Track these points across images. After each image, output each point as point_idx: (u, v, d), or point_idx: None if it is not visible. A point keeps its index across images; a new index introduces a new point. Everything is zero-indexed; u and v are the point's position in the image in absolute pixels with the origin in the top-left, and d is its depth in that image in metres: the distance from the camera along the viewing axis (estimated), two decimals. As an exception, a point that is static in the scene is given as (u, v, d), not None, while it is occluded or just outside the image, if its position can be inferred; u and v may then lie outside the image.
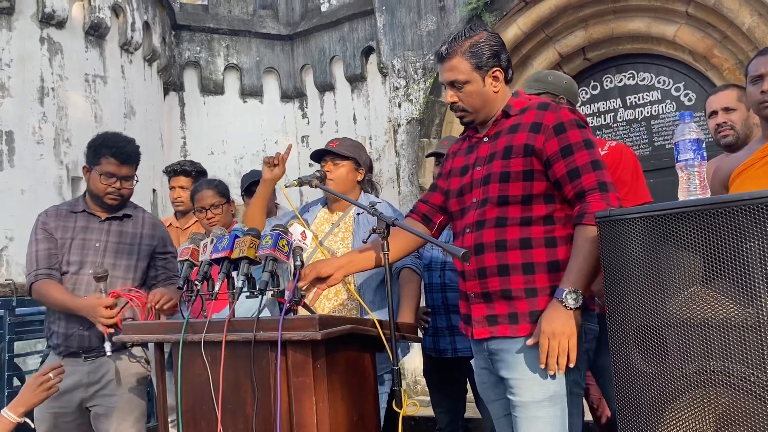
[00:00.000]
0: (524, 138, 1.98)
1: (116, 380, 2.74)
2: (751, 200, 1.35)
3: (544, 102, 2.06)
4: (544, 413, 1.88)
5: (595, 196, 1.89)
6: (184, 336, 2.03)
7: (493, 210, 1.98)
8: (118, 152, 2.75)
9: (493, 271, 1.96)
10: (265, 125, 9.72)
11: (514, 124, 2.04)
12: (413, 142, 7.30)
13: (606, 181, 1.92)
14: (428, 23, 7.32)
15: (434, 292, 3.08)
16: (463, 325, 2.13)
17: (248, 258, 1.99)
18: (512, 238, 1.95)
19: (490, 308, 1.98)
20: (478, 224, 2.00)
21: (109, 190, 2.78)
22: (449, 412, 3.20)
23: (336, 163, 2.74)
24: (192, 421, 2.09)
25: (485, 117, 2.10)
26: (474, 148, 2.14)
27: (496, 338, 1.96)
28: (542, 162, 1.96)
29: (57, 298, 2.69)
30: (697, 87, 6.49)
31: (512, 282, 1.93)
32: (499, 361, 1.97)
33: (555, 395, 1.88)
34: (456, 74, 2.04)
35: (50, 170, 6.99)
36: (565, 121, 1.97)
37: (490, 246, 1.97)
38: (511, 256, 1.94)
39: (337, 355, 1.96)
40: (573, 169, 1.92)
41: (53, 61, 7.19)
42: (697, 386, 1.43)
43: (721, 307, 1.39)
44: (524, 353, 1.91)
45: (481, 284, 1.98)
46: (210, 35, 9.58)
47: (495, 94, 2.06)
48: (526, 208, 1.96)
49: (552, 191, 1.97)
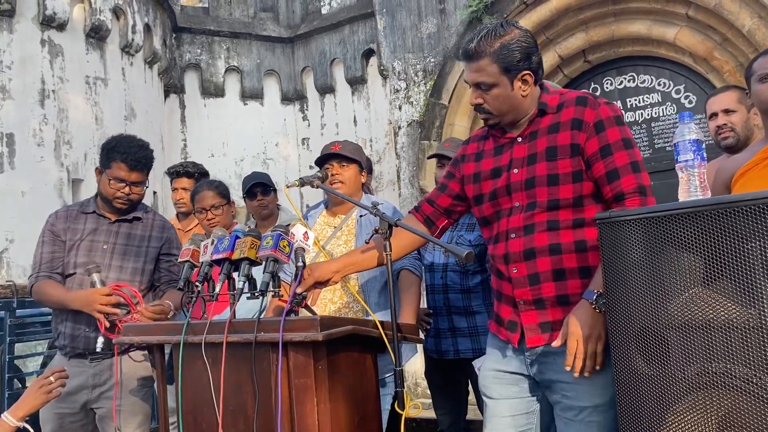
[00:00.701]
0: (569, 137, 1.90)
1: (121, 382, 2.74)
2: (752, 201, 1.34)
3: (582, 96, 1.95)
4: (602, 417, 1.84)
5: (635, 200, 1.84)
6: (184, 337, 2.03)
7: (542, 214, 1.90)
8: (129, 158, 2.75)
9: (547, 277, 1.89)
10: (265, 127, 9.73)
11: (553, 123, 1.95)
12: (414, 145, 7.30)
13: (645, 185, 1.87)
14: (429, 26, 7.32)
15: (436, 294, 3.08)
16: (503, 331, 2.01)
17: (249, 259, 1.99)
18: (566, 242, 1.88)
19: (543, 315, 1.90)
20: (527, 229, 1.91)
21: (118, 195, 2.79)
22: (451, 414, 3.20)
23: (343, 165, 2.75)
24: (193, 423, 2.08)
25: (512, 120, 2.00)
26: (504, 148, 2.04)
27: (548, 343, 1.90)
28: (584, 161, 1.89)
29: (53, 295, 2.71)
30: (697, 89, 6.49)
31: (569, 287, 1.87)
32: (549, 364, 1.91)
33: (611, 400, 1.80)
34: (483, 77, 1.92)
35: (51, 172, 6.99)
36: (605, 119, 1.89)
37: (543, 251, 1.89)
38: (566, 260, 1.88)
39: (338, 357, 1.95)
40: (612, 170, 1.86)
41: (54, 63, 7.20)
42: (699, 389, 1.42)
43: (723, 309, 1.38)
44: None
45: (533, 291, 1.91)
46: (211, 38, 9.59)
47: (523, 98, 1.95)
48: (577, 210, 1.89)
49: (599, 191, 1.91)
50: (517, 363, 2.00)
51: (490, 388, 2.07)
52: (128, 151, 2.75)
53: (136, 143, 2.82)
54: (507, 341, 2.00)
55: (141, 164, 2.79)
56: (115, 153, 2.76)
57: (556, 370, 1.89)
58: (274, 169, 9.42)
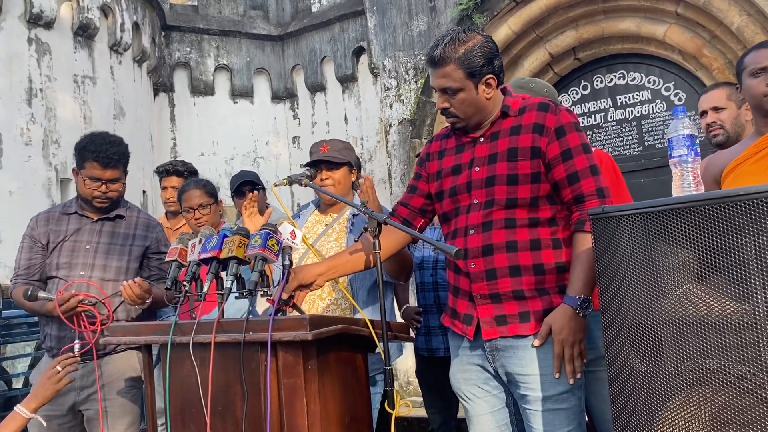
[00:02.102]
0: (530, 140, 1.98)
1: (109, 384, 2.70)
2: (746, 196, 1.33)
3: (544, 102, 2.05)
4: (566, 404, 1.92)
5: (594, 202, 1.93)
6: (172, 337, 2.00)
7: (500, 212, 1.98)
8: (101, 156, 2.69)
9: (504, 272, 1.96)
10: (255, 126, 9.68)
11: (514, 125, 2.03)
12: (405, 143, 7.28)
13: (603, 187, 1.97)
14: (419, 23, 7.30)
15: (426, 291, 3.06)
16: (459, 324, 2.09)
17: (237, 258, 1.96)
18: (522, 239, 1.97)
19: (499, 308, 1.98)
20: (485, 225, 1.99)
21: (96, 194, 2.74)
22: (442, 413, 3.18)
23: (332, 169, 2.73)
24: (181, 425, 2.06)
25: (477, 122, 2.08)
26: (466, 147, 2.11)
27: (505, 337, 1.97)
28: (544, 164, 1.98)
29: (25, 303, 2.69)
30: (687, 87, 6.51)
31: (524, 282, 1.95)
32: (508, 358, 1.98)
33: (574, 387, 1.92)
34: (449, 82, 2.00)
35: (39, 172, 6.93)
36: (565, 124, 1.98)
37: (501, 247, 1.97)
38: (522, 257, 1.96)
39: (328, 356, 1.93)
40: (573, 173, 1.96)
41: (41, 61, 7.13)
42: (692, 385, 1.41)
43: (717, 305, 1.37)
44: (539, 350, 1.93)
45: (490, 285, 1.98)
46: (200, 36, 9.53)
47: (487, 101, 2.03)
48: (533, 209, 1.98)
49: (554, 193, 2.00)
50: (480, 357, 2.06)
51: (462, 390, 2.14)
52: (99, 149, 2.70)
53: (107, 140, 2.76)
54: (462, 334, 2.07)
55: (114, 161, 2.72)
56: (87, 152, 2.71)
57: (516, 363, 1.96)
58: (265, 168, 9.38)
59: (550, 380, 1.91)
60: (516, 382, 1.98)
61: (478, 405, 2.10)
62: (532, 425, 1.95)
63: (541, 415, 1.92)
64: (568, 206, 1.99)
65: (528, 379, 1.94)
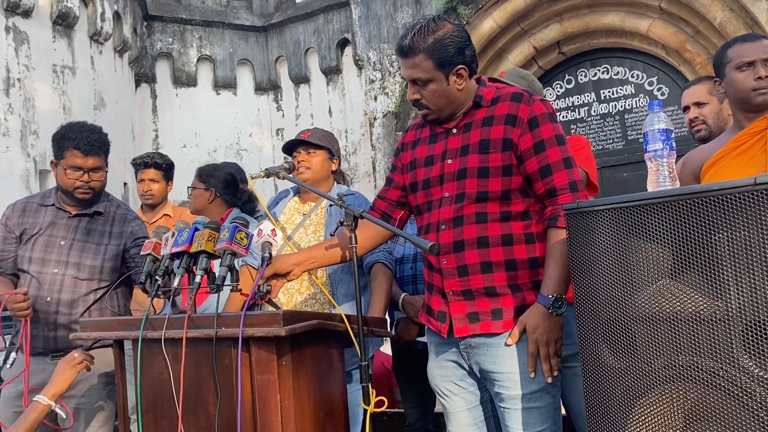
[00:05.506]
0: (501, 132, 1.93)
1: (84, 381, 2.66)
2: (720, 191, 1.32)
3: (518, 92, 2.00)
4: (540, 403, 1.90)
5: (567, 196, 1.89)
6: (143, 333, 1.97)
7: (471, 206, 1.93)
8: (81, 143, 2.63)
9: (475, 269, 1.92)
10: (239, 118, 9.61)
11: (487, 116, 1.98)
12: (389, 136, 7.26)
13: (576, 180, 1.93)
14: (404, 15, 7.27)
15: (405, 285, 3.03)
16: (433, 321, 2.06)
17: (207, 252, 1.93)
18: (494, 235, 1.92)
19: (471, 305, 1.94)
20: (456, 221, 1.95)
21: (78, 185, 2.67)
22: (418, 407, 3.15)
23: (310, 152, 2.70)
24: (153, 421, 2.03)
25: (450, 114, 2.03)
26: (439, 137, 2.08)
27: (478, 334, 1.94)
28: (516, 156, 1.93)
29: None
30: (670, 81, 6.53)
31: (496, 279, 1.91)
32: (482, 355, 1.95)
33: (549, 385, 1.90)
34: (419, 72, 1.94)
35: (17, 163, 6.83)
36: (539, 115, 1.93)
37: (472, 243, 1.92)
38: (494, 253, 1.91)
39: (303, 351, 1.91)
40: (545, 166, 1.91)
41: (19, 51, 7.01)
42: (666, 381, 1.41)
43: (690, 301, 1.36)
44: (513, 348, 1.90)
45: (462, 282, 1.94)
46: (182, 26, 9.43)
47: (459, 92, 1.97)
48: (504, 203, 1.93)
49: (526, 186, 1.96)
50: (455, 354, 2.04)
51: (439, 386, 2.11)
52: (79, 137, 2.63)
53: (87, 128, 2.70)
54: (437, 331, 2.05)
55: (96, 148, 2.66)
56: (66, 141, 2.64)
57: (490, 360, 1.93)
58: (248, 160, 9.31)
59: (524, 378, 1.89)
60: (490, 380, 1.96)
61: (455, 401, 2.08)
62: (506, 423, 1.93)
63: (515, 414, 1.90)
64: (541, 200, 1.94)
65: (501, 377, 1.92)
